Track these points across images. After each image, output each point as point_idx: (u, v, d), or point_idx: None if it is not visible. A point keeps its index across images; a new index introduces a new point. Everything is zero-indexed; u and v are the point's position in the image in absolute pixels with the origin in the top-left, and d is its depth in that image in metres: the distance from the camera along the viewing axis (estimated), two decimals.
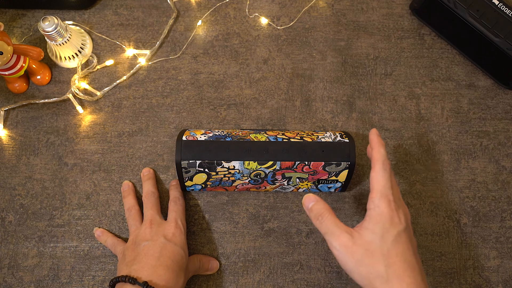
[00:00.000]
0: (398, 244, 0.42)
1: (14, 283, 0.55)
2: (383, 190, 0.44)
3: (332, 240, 0.44)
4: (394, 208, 0.44)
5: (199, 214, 0.58)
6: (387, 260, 0.42)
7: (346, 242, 0.43)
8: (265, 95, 0.62)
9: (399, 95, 0.63)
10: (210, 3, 0.66)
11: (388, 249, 0.42)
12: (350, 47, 0.65)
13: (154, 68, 0.63)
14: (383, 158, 0.46)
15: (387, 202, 0.44)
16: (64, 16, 0.65)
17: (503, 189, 0.59)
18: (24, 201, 0.58)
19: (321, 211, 0.46)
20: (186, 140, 0.52)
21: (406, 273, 0.41)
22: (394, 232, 0.43)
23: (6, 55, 0.53)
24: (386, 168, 0.45)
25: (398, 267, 0.41)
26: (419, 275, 0.42)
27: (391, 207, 0.43)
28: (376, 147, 0.47)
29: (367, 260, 0.42)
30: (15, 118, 0.61)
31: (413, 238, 0.45)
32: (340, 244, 0.43)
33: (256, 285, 0.56)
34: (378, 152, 0.46)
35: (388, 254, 0.42)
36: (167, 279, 0.47)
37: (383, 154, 0.46)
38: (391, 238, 0.42)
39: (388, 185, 0.44)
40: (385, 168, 0.45)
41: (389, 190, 0.44)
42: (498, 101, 0.63)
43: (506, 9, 0.58)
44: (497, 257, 0.57)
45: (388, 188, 0.44)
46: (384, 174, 0.45)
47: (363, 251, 0.42)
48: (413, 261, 0.43)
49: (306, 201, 0.47)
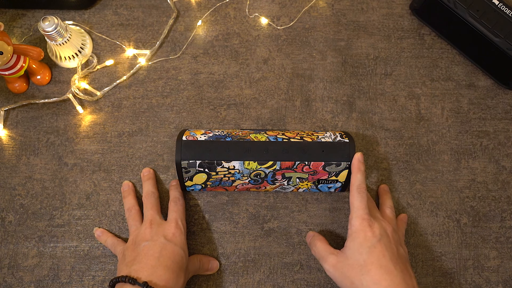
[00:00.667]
0: (373, 254, 0.47)
1: (14, 283, 0.55)
2: (357, 211, 0.50)
3: (323, 263, 0.51)
4: (368, 225, 0.49)
5: (199, 214, 0.58)
6: (363, 269, 0.47)
7: (333, 261, 0.49)
8: (265, 95, 0.62)
9: (399, 95, 0.63)
10: (210, 3, 0.66)
11: (364, 259, 0.47)
12: (350, 47, 0.65)
13: (154, 68, 0.63)
14: (358, 183, 0.51)
15: (361, 221, 0.49)
16: (64, 16, 0.65)
17: (503, 189, 0.59)
18: (24, 201, 0.58)
19: (314, 241, 0.53)
20: (186, 140, 0.52)
21: (383, 277, 0.46)
22: (368, 244, 0.48)
23: (6, 55, 0.53)
24: (360, 191, 0.51)
25: (374, 273, 0.46)
26: (398, 278, 0.46)
27: (364, 224, 0.49)
28: (354, 173, 0.52)
29: (348, 272, 0.48)
30: (15, 118, 0.61)
31: (393, 246, 0.49)
32: (329, 265, 0.50)
33: (256, 285, 0.56)
34: (354, 177, 0.52)
35: (364, 264, 0.47)
36: (167, 279, 0.47)
37: (358, 179, 0.51)
38: (366, 250, 0.48)
39: (362, 206, 0.50)
40: (359, 191, 0.51)
41: (363, 211, 0.50)
42: (498, 101, 0.63)
43: (506, 9, 0.58)
44: (497, 257, 0.57)
45: (362, 208, 0.50)
46: (358, 197, 0.51)
47: (345, 266, 0.48)
48: (390, 266, 0.47)
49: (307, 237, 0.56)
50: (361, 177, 0.51)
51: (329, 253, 0.50)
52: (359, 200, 0.51)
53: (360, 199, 0.51)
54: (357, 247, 0.48)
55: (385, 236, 0.49)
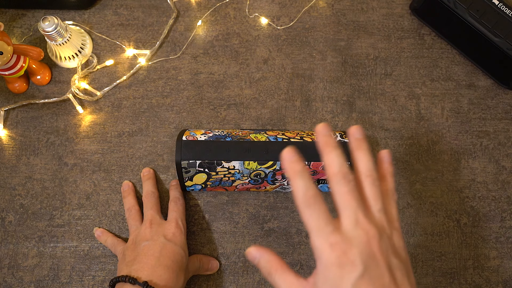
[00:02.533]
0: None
1: (14, 283, 0.55)
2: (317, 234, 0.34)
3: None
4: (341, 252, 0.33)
5: (199, 214, 0.58)
6: None
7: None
8: (265, 95, 0.62)
9: (399, 95, 0.63)
10: (210, 3, 0.66)
11: None
12: (350, 47, 0.65)
13: (154, 68, 0.63)
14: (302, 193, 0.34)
15: (328, 248, 0.33)
16: (64, 16, 0.65)
17: (503, 189, 0.59)
18: (24, 201, 0.58)
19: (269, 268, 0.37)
20: (186, 140, 0.52)
21: None
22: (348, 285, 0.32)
23: (6, 55, 0.53)
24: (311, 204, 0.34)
25: None
26: None
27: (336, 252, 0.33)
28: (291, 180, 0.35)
29: None
30: (15, 118, 0.61)
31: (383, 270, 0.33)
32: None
33: (256, 285, 0.56)
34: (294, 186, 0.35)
35: None
36: (167, 279, 0.47)
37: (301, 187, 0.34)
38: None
39: (321, 224, 0.33)
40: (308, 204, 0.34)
41: (326, 229, 0.33)
42: (498, 101, 0.63)
43: (506, 9, 0.58)
44: (497, 257, 0.57)
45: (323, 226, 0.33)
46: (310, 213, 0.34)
47: None
48: None
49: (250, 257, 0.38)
50: (302, 182, 0.34)
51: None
52: (313, 216, 0.34)
53: (315, 213, 0.34)
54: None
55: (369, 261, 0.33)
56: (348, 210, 0.35)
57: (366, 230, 0.34)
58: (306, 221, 0.34)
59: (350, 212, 0.34)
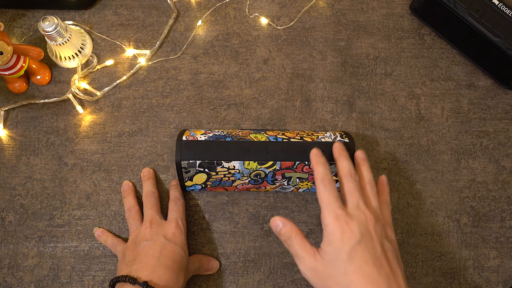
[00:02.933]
0: (354, 261, 0.41)
1: (14, 283, 0.55)
2: (328, 207, 0.44)
3: (298, 264, 0.44)
4: (344, 222, 0.42)
5: (199, 214, 0.58)
6: (346, 278, 0.41)
7: (311, 265, 0.43)
8: (265, 95, 0.62)
9: (399, 95, 0.63)
10: (210, 3, 0.66)
11: (345, 268, 0.41)
12: (350, 47, 0.65)
13: (154, 68, 0.63)
14: (321, 176, 0.45)
15: (334, 218, 0.43)
16: (64, 16, 0.65)
17: (503, 189, 0.59)
18: (24, 201, 0.58)
19: (289, 234, 0.45)
20: (186, 140, 0.52)
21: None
22: (347, 248, 0.42)
23: (6, 55, 0.53)
24: (327, 185, 0.45)
25: (357, 284, 0.41)
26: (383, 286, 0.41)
27: (340, 223, 0.42)
28: (314, 167, 0.47)
29: (328, 282, 0.42)
30: (15, 118, 0.61)
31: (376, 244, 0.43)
32: (306, 268, 0.44)
33: (256, 285, 0.56)
34: (316, 171, 0.46)
35: (345, 273, 0.41)
36: (167, 279, 0.47)
37: (321, 172, 0.46)
38: (345, 256, 0.42)
39: (332, 200, 0.44)
40: (325, 185, 0.45)
41: (334, 205, 0.43)
42: (498, 101, 0.63)
43: (506, 9, 0.58)
44: (497, 257, 0.57)
45: (333, 202, 0.44)
46: (325, 190, 0.44)
47: (324, 273, 0.42)
48: (374, 273, 0.41)
49: (274, 224, 0.47)
50: (322, 169, 0.46)
51: (307, 254, 0.44)
52: (327, 194, 0.44)
53: (328, 192, 0.44)
54: (335, 252, 0.42)
55: (366, 234, 0.43)
56: (352, 197, 0.45)
57: (365, 213, 0.44)
58: (320, 197, 0.45)
59: (354, 199, 0.45)
